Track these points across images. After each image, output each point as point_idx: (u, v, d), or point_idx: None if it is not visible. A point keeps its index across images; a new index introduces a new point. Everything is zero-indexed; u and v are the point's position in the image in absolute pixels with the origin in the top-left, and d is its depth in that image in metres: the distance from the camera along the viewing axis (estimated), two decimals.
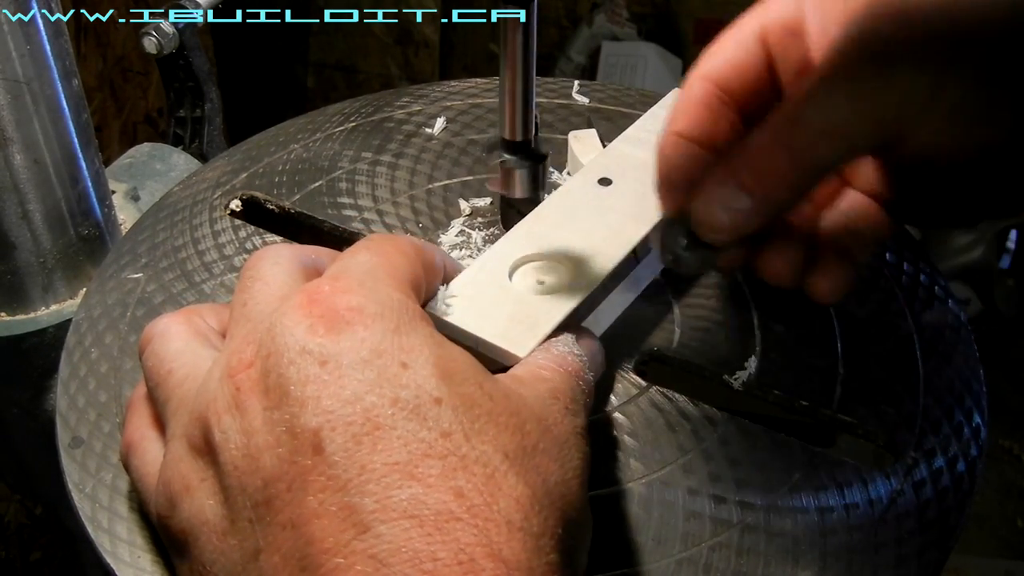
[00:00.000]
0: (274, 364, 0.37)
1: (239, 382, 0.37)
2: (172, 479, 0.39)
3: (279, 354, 0.37)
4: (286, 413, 0.36)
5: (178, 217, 0.67)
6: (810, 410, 0.53)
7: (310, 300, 0.38)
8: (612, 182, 0.58)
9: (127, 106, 1.71)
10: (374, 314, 0.38)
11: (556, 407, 0.40)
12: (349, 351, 0.36)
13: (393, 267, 0.42)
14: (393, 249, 0.43)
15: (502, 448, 0.36)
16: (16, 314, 0.72)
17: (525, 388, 0.41)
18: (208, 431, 0.37)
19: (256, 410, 0.36)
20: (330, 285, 0.39)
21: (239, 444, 0.36)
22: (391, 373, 0.36)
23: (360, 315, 0.38)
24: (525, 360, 0.45)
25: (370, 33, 2.20)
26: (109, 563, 0.47)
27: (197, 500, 0.37)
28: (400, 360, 0.37)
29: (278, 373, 0.36)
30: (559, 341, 0.46)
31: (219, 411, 0.37)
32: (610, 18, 2.19)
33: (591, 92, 0.78)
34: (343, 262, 0.42)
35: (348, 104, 0.78)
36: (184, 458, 0.38)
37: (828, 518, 0.48)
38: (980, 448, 0.51)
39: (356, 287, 0.39)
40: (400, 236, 0.46)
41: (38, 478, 0.76)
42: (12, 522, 1.39)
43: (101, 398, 0.55)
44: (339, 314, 0.37)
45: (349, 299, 0.38)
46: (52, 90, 0.66)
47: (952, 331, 0.58)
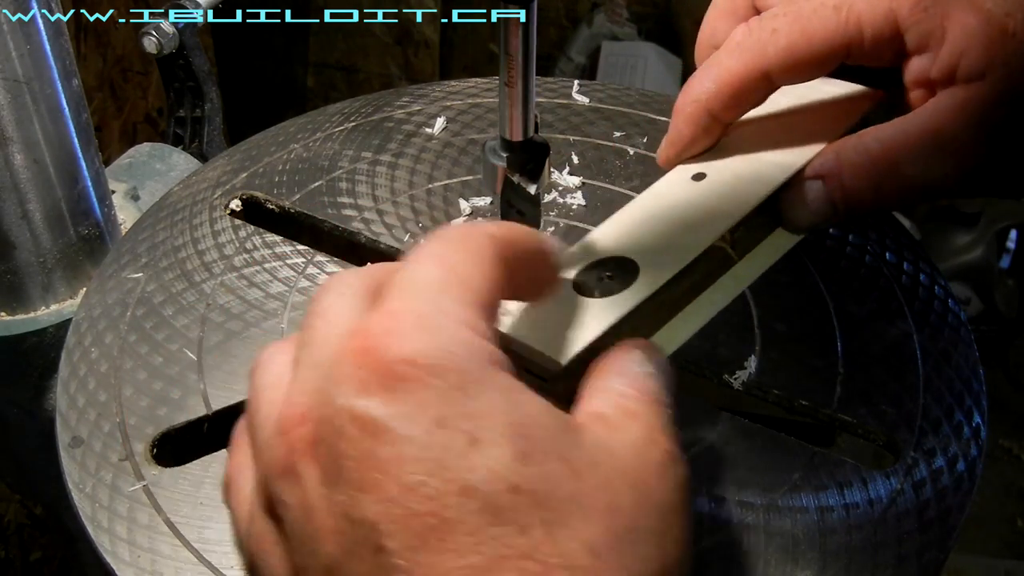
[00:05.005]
0: (327, 433, 0.32)
1: (292, 442, 0.33)
2: (251, 535, 0.36)
3: (330, 420, 0.32)
4: (342, 494, 0.31)
5: (178, 217, 0.67)
6: (810, 410, 0.53)
7: (362, 348, 0.32)
8: (706, 176, 0.51)
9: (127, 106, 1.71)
10: (434, 367, 0.32)
11: (655, 457, 0.34)
12: (406, 420, 0.31)
13: (461, 283, 0.35)
14: (463, 255, 0.36)
15: (589, 542, 0.31)
16: (16, 314, 0.72)
17: (615, 436, 0.34)
18: (271, 493, 0.34)
19: (312, 482, 0.32)
20: (382, 324, 0.33)
21: (299, 520, 0.33)
22: (457, 451, 0.31)
23: (416, 369, 0.32)
24: (602, 388, 0.38)
25: (370, 33, 2.20)
26: (109, 563, 0.47)
27: (270, 564, 0.35)
28: (468, 433, 0.31)
29: (330, 444, 0.32)
30: (632, 360, 0.39)
31: (276, 474, 0.33)
32: (610, 18, 2.18)
33: (591, 92, 0.78)
34: (400, 279, 0.35)
35: (348, 104, 0.78)
36: (258, 517, 0.35)
37: (828, 518, 0.48)
38: (980, 448, 0.51)
39: (412, 326, 0.33)
40: (477, 227, 0.37)
41: (38, 478, 0.76)
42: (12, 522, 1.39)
43: (101, 398, 0.55)
44: (391, 369, 0.32)
45: (403, 346, 0.32)
46: (52, 90, 0.66)
47: (952, 331, 0.58)
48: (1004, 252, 2.00)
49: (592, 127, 0.74)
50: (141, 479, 0.51)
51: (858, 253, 0.62)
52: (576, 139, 0.73)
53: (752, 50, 0.48)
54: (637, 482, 0.33)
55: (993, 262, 1.96)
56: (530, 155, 0.59)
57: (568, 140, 0.73)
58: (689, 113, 0.50)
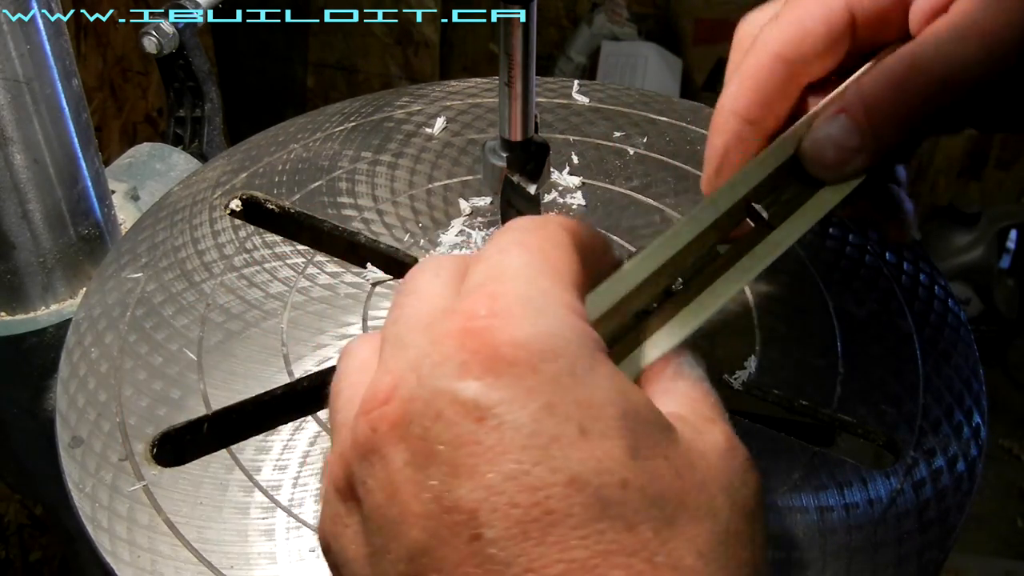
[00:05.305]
0: (419, 412, 0.30)
1: (374, 421, 0.31)
2: (326, 518, 0.35)
3: (426, 400, 0.30)
4: (434, 478, 0.30)
5: (178, 217, 0.67)
6: (810, 410, 0.53)
7: (464, 329, 0.31)
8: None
9: (127, 106, 1.71)
10: (544, 351, 0.30)
11: (738, 463, 0.34)
12: (513, 405, 0.30)
13: (554, 268, 0.34)
14: (546, 242, 0.35)
15: (695, 544, 0.30)
16: (16, 314, 0.72)
17: (701, 439, 0.33)
18: (349, 475, 0.33)
19: (397, 463, 0.31)
20: (487, 306, 0.32)
21: (381, 504, 0.31)
22: (567, 440, 0.29)
23: (527, 353, 0.30)
24: (666, 390, 0.36)
25: (370, 33, 2.20)
26: (109, 563, 0.47)
27: (344, 547, 0.34)
28: (578, 422, 0.30)
29: (423, 426, 0.30)
30: (685, 363, 0.38)
31: (358, 454, 0.32)
32: (610, 18, 2.18)
33: (591, 92, 0.78)
34: (492, 263, 0.34)
35: (348, 104, 0.78)
36: (331, 500, 0.34)
37: (828, 518, 0.48)
38: (980, 448, 0.51)
39: (519, 310, 0.31)
40: (548, 217, 0.36)
41: (38, 478, 0.76)
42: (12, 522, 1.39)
43: (101, 398, 0.55)
44: (498, 352, 0.30)
45: (513, 330, 0.31)
46: (52, 90, 0.66)
47: (952, 331, 0.58)
48: (1004, 252, 2.01)
49: (592, 127, 0.74)
50: (141, 479, 0.51)
51: (858, 253, 0.62)
52: (576, 139, 0.73)
53: (759, 39, 0.47)
54: (727, 487, 0.32)
55: (993, 262, 1.96)
56: (530, 155, 0.59)
57: (568, 140, 0.73)
58: (717, 123, 0.48)
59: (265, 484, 0.51)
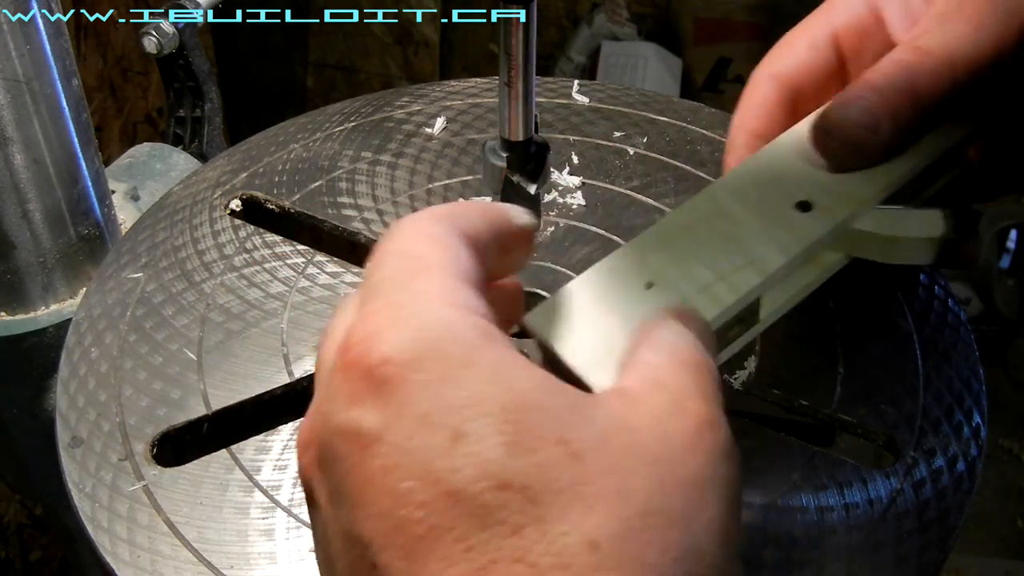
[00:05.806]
0: (326, 451, 0.31)
1: (305, 468, 0.33)
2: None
3: (326, 439, 0.31)
4: (342, 515, 0.30)
5: (178, 217, 0.67)
6: (810, 410, 0.53)
7: (346, 360, 0.31)
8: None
9: (127, 106, 1.71)
10: (413, 361, 0.30)
11: (681, 427, 0.31)
12: (391, 425, 0.29)
13: (429, 266, 0.33)
14: (421, 239, 0.34)
15: (589, 535, 0.28)
16: (16, 314, 0.72)
17: (635, 410, 0.31)
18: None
19: (322, 502, 0.32)
20: (362, 328, 0.31)
21: (320, 543, 0.33)
22: (441, 451, 0.28)
23: (396, 367, 0.30)
24: (631, 362, 0.35)
25: (370, 33, 2.20)
26: (109, 563, 0.47)
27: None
28: (453, 428, 0.29)
29: (330, 464, 0.31)
30: (667, 330, 0.35)
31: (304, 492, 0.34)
32: (610, 18, 2.18)
33: (591, 92, 0.78)
34: (371, 281, 0.34)
35: (348, 104, 0.78)
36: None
37: (828, 518, 0.48)
38: (980, 448, 0.51)
39: (388, 322, 0.31)
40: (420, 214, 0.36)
41: (38, 478, 0.76)
42: (12, 522, 1.39)
43: (101, 398, 0.55)
44: (374, 373, 0.30)
45: (382, 346, 0.30)
46: (52, 90, 0.66)
47: (952, 331, 0.58)
48: (1004, 252, 2.00)
49: (592, 127, 0.74)
50: (141, 479, 0.51)
51: None
52: (576, 139, 0.73)
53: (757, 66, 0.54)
54: (658, 458, 0.30)
55: (993, 262, 1.96)
56: (530, 155, 0.59)
57: (568, 140, 0.73)
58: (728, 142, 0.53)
59: (265, 484, 0.51)
